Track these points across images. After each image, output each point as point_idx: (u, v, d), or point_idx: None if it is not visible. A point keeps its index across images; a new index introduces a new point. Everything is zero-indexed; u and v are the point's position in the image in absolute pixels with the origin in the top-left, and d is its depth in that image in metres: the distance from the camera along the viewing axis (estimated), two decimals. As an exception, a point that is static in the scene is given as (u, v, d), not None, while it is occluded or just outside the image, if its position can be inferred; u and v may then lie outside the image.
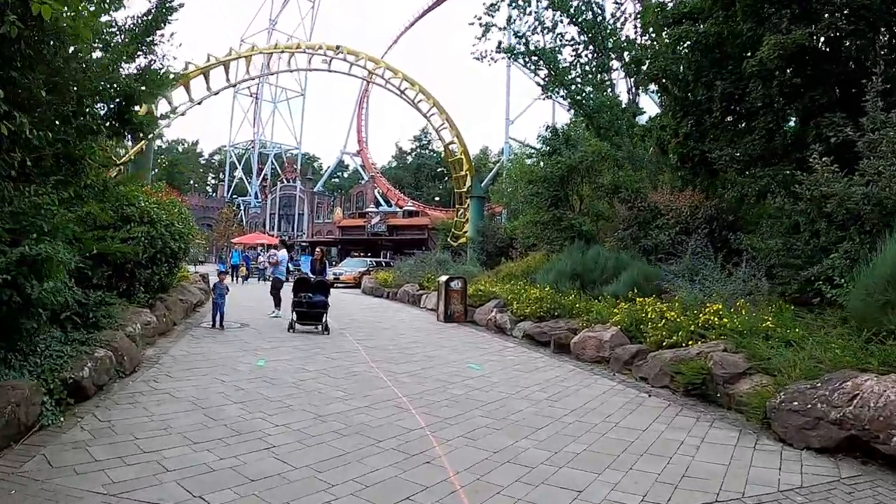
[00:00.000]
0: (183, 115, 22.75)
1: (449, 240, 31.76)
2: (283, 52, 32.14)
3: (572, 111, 25.67)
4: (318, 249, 12.79)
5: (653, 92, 20.31)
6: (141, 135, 7.30)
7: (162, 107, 22.85)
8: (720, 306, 8.01)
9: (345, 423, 5.12)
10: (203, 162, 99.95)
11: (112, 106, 6.64)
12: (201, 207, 68.44)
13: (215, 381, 6.51)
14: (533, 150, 31.94)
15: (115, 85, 6.36)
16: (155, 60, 7.06)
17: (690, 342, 7.54)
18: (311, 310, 10.68)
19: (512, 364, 8.38)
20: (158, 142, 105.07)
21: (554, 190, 15.03)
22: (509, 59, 27.92)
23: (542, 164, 16.88)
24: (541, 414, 5.67)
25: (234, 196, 72.51)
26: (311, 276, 12.30)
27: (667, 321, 8.22)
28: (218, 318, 10.77)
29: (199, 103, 23.87)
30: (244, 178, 72.06)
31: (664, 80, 13.80)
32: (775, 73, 9.99)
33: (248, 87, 71.98)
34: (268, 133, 72.65)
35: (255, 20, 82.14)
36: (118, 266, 9.43)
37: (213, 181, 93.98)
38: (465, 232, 30.45)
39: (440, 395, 6.34)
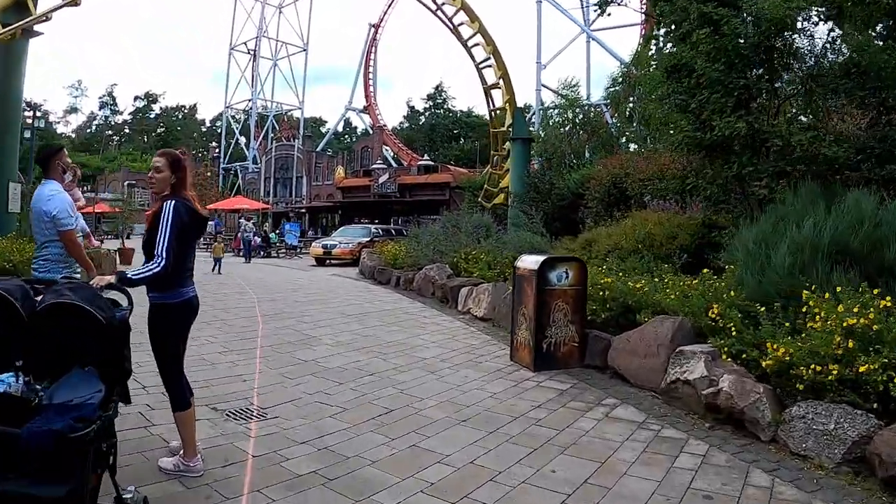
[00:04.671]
0: (77, 4, 15.02)
1: (480, 200, 23.68)
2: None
3: (643, 32, 17.80)
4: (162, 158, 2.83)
5: None
6: None
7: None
8: None
9: None
10: (205, 130, 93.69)
11: None
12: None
13: None
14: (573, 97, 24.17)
15: None
16: None
17: None
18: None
19: None
20: (154, 107, 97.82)
21: (740, 76, 7.12)
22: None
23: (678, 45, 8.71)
24: None
25: (229, 162, 64.86)
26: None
27: None
28: None
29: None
30: (244, 143, 64.28)
31: None
32: None
33: (245, 44, 63.29)
34: (267, 93, 64.07)
35: None
36: None
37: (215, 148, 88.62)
38: (504, 188, 22.43)
39: None
